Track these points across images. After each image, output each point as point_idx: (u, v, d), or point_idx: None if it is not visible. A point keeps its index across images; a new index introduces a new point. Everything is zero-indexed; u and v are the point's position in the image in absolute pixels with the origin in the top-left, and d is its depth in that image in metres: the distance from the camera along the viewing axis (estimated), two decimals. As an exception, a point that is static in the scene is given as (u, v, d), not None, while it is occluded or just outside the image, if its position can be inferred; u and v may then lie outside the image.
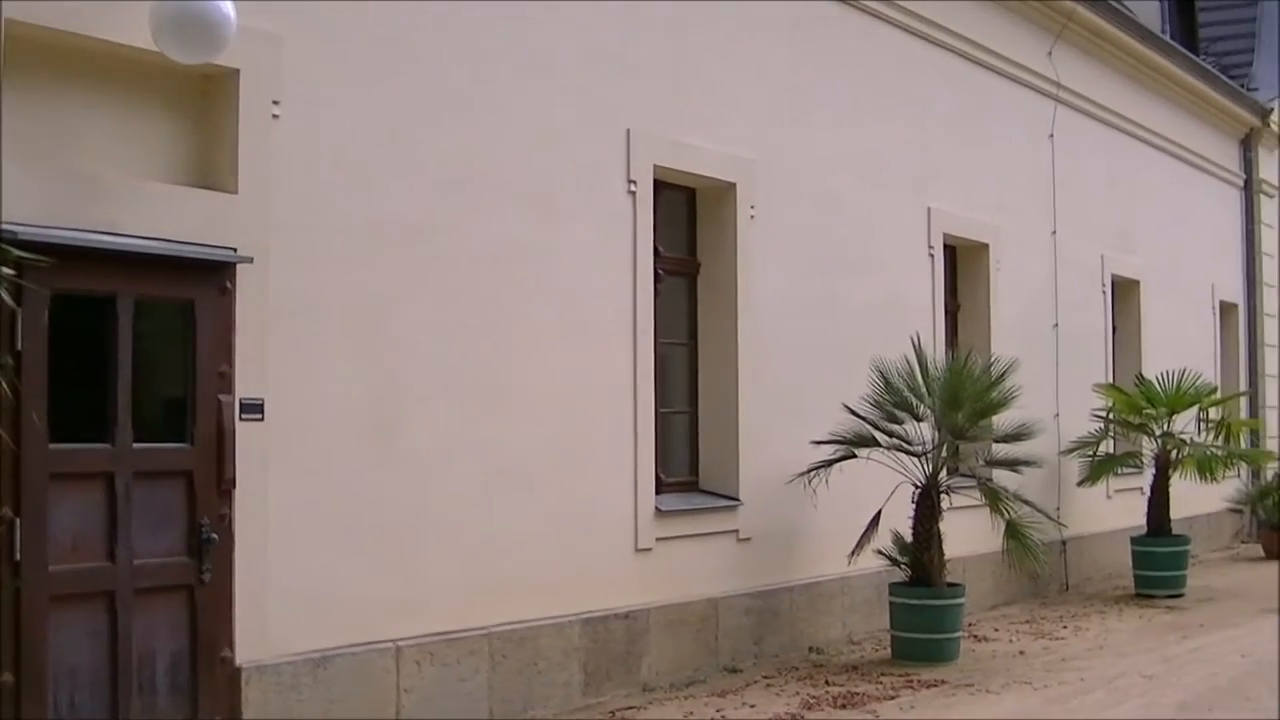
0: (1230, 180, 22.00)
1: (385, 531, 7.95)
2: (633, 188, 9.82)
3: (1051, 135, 15.78)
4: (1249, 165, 22.51)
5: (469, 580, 8.46)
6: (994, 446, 12.08)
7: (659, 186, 10.18)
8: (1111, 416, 15.82)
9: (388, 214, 8.07)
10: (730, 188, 10.81)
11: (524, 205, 8.96)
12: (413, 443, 8.14)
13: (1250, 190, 22.51)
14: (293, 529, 7.41)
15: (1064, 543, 15.28)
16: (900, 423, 11.25)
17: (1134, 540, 15.50)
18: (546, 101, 9.18)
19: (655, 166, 10.04)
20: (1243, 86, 22.30)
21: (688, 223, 10.93)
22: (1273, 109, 22.68)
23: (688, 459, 10.83)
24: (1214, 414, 17.07)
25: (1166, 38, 19.95)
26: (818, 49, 11.91)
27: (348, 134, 7.87)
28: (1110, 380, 16.76)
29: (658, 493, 10.02)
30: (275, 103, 7.44)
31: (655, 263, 10.13)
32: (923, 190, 13.32)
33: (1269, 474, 20.28)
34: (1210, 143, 21.09)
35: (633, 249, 9.81)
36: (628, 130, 9.78)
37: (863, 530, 11.09)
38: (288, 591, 7.37)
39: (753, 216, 10.94)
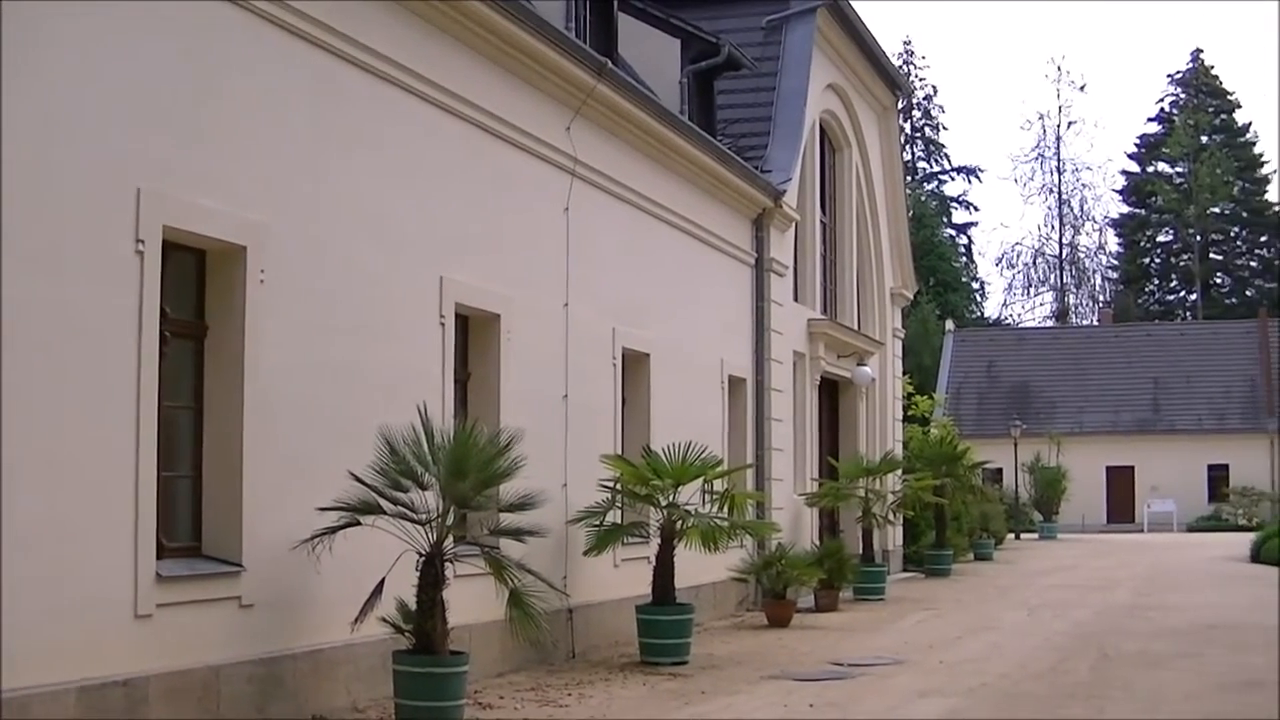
0: (743, 259, 23.88)
1: None
2: (140, 248, 10.14)
3: (567, 209, 16.94)
4: (761, 244, 24.43)
5: (-45, 646, 8.61)
6: (500, 515, 12.87)
7: (168, 247, 10.56)
8: (619, 487, 16.94)
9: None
10: (241, 251, 11.30)
11: (23, 262, 9.16)
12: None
13: (761, 269, 24.44)
14: None
15: (571, 611, 16.31)
16: (406, 491, 11.90)
17: (639, 608, 16.64)
18: (52, 155, 9.46)
19: (165, 227, 10.40)
20: (757, 168, 24.22)
21: (197, 285, 11.35)
22: (785, 190, 24.77)
23: (191, 524, 11.20)
24: (719, 485, 18.21)
25: (685, 118, 21.54)
26: (335, 116, 12.61)
27: None
28: (619, 451, 17.89)
29: (159, 558, 10.33)
30: None
31: (162, 325, 10.48)
32: (436, 259, 14.12)
33: (772, 544, 22.04)
34: (724, 222, 22.88)
35: (138, 310, 10.12)
36: (138, 189, 10.12)
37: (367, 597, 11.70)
38: None
39: (263, 281, 11.46)
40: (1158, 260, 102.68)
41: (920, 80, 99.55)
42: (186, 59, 10.77)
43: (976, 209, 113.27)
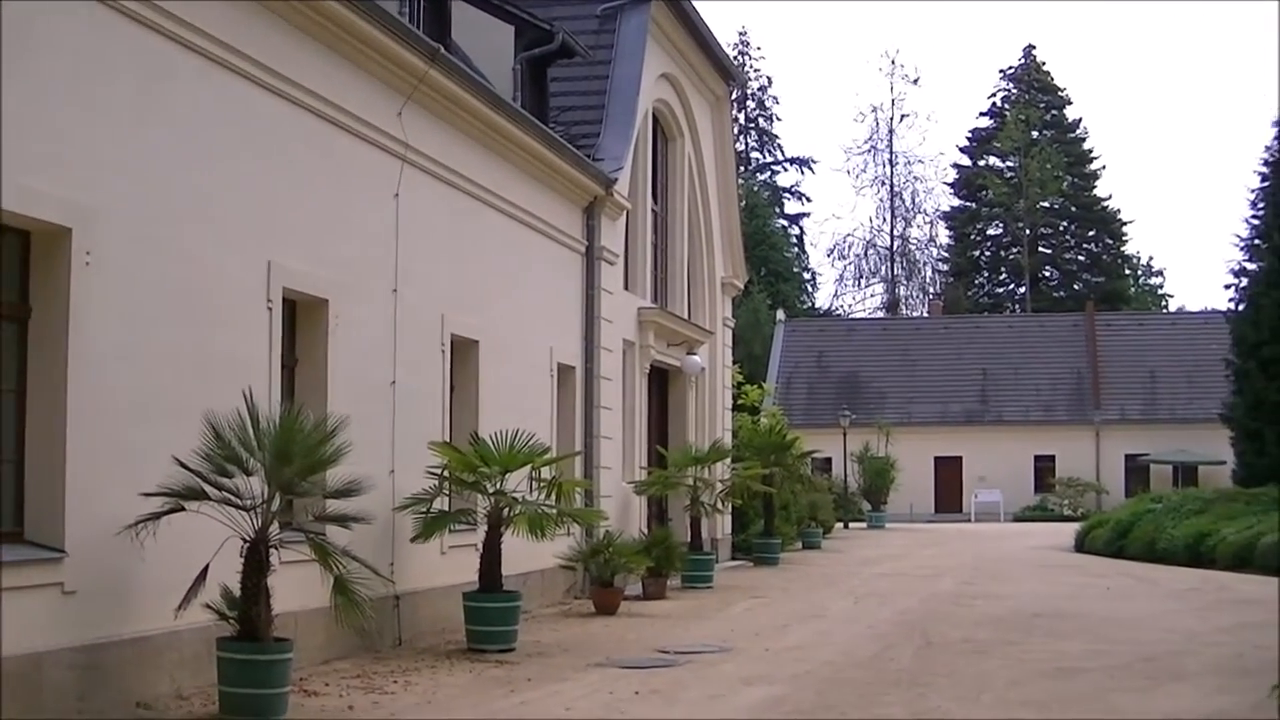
0: (573, 246, 24.17)
1: None
2: (-37, 230, 10.20)
3: (397, 195, 17.10)
4: (592, 233, 24.76)
5: None
6: (325, 502, 12.99)
7: (-6, 229, 10.58)
8: (446, 474, 17.13)
9: None
10: (66, 233, 11.30)
11: None
12: None
13: (592, 257, 24.76)
14: None
15: (397, 598, 16.47)
16: (231, 476, 12.00)
17: (467, 596, 16.84)
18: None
19: (-11, 209, 10.41)
20: (589, 157, 24.50)
21: (21, 267, 11.33)
22: (616, 179, 25.10)
23: (13, 509, 11.17)
24: (547, 473, 18.39)
25: (517, 106, 21.76)
26: (165, 98, 12.65)
27: None
28: (447, 438, 18.08)
29: (-21, 543, 10.34)
30: None
31: (-15, 308, 10.51)
32: (264, 243, 14.20)
33: (600, 532, 22.38)
34: (556, 209, 23.17)
35: (-40, 292, 10.17)
36: (-41, 170, 10.15)
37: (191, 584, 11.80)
38: None
39: (89, 263, 11.47)
40: (987, 253, 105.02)
41: (755, 71, 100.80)
42: (10, 37, 10.73)
43: (809, 200, 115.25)
